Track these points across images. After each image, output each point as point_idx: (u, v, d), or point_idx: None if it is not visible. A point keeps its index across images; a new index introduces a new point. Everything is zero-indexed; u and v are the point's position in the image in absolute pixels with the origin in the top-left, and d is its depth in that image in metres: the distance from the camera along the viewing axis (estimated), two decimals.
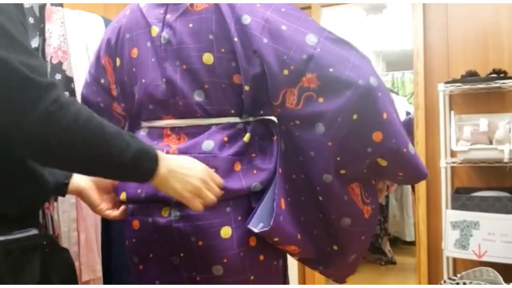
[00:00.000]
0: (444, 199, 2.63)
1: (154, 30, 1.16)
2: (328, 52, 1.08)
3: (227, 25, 1.09)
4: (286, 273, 1.26)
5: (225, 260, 1.09)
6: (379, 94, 1.07)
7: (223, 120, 1.15)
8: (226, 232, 1.09)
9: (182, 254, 1.11)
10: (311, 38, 1.08)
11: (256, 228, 1.07)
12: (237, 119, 1.16)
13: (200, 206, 1.01)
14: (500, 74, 2.53)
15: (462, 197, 2.55)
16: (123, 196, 1.16)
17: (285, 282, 1.25)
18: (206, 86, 1.12)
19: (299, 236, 1.15)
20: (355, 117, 1.07)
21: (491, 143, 2.52)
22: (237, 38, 1.09)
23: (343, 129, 1.08)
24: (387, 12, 4.10)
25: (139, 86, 1.19)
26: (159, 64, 1.16)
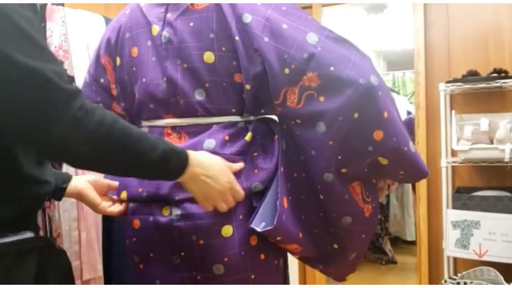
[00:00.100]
0: (445, 199, 2.63)
1: (155, 29, 1.16)
2: (329, 51, 1.08)
3: (228, 24, 1.09)
4: (286, 272, 1.26)
5: (226, 259, 1.09)
6: (380, 93, 1.08)
7: (224, 119, 1.14)
8: (227, 231, 1.09)
9: (182, 253, 1.11)
10: (312, 37, 1.08)
11: (259, 227, 1.07)
12: (238, 118, 1.16)
13: (211, 209, 1.06)
14: (501, 73, 2.53)
15: (463, 197, 2.55)
16: (123, 195, 1.16)
17: (285, 281, 1.25)
18: (207, 85, 1.12)
19: (301, 235, 1.16)
20: (356, 116, 1.07)
21: (492, 142, 2.52)
22: (238, 37, 1.09)
23: (344, 128, 1.08)
24: (388, 12, 4.09)
25: (139, 85, 1.19)
26: (159, 63, 1.16)
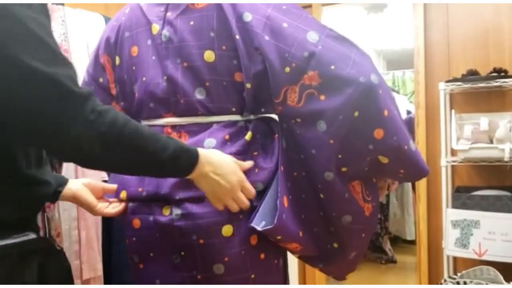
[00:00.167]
0: (445, 198, 2.63)
1: (155, 28, 1.16)
2: (329, 49, 1.08)
3: (229, 23, 1.09)
4: (286, 271, 1.26)
5: (226, 259, 1.09)
6: (380, 91, 1.08)
7: (224, 118, 1.14)
8: (228, 230, 1.08)
9: (183, 253, 1.11)
10: (312, 36, 1.08)
11: (259, 227, 1.07)
12: (238, 117, 1.16)
13: (221, 208, 1.07)
14: (501, 73, 2.53)
15: (463, 196, 2.55)
16: (123, 194, 1.16)
17: (285, 280, 1.25)
18: (208, 83, 1.12)
19: (301, 234, 1.15)
20: (356, 114, 1.07)
21: (491, 142, 2.52)
22: (239, 36, 1.09)
23: (345, 127, 1.08)
24: (388, 11, 4.09)
25: (139, 84, 1.19)
26: (159, 62, 1.15)
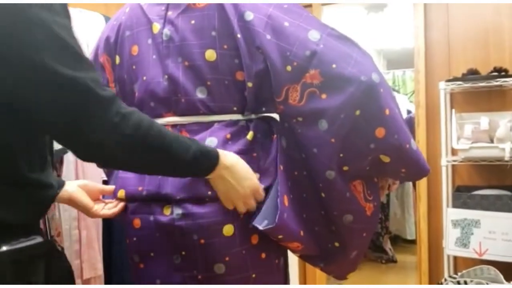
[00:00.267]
0: (445, 198, 2.63)
1: (156, 27, 1.16)
2: (331, 48, 1.08)
3: (230, 22, 1.09)
4: (287, 271, 1.26)
5: (227, 258, 1.08)
6: (381, 90, 1.08)
7: (226, 117, 1.14)
8: (229, 230, 1.08)
9: (183, 253, 1.10)
10: (313, 35, 1.08)
11: (261, 226, 1.07)
12: (239, 116, 1.16)
13: (231, 207, 1.08)
14: (501, 72, 2.53)
15: (463, 196, 2.55)
16: (121, 193, 1.16)
17: (286, 280, 1.25)
18: (209, 83, 1.12)
19: (302, 233, 1.15)
20: (357, 113, 1.07)
21: (492, 141, 2.52)
22: (240, 35, 1.09)
23: (346, 126, 1.08)
24: (388, 11, 4.09)
25: (139, 83, 1.18)
26: (160, 61, 1.15)
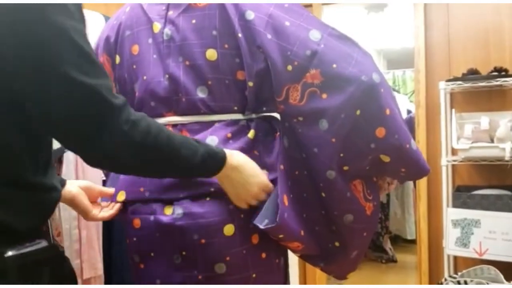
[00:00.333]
0: (445, 197, 2.64)
1: (156, 26, 1.16)
2: (332, 48, 1.08)
3: (231, 21, 1.09)
4: (287, 271, 1.26)
5: (228, 258, 1.08)
6: (382, 90, 1.08)
7: (226, 117, 1.14)
8: (229, 230, 1.08)
9: (184, 253, 1.10)
10: (314, 34, 1.08)
11: (262, 225, 1.07)
12: (240, 115, 1.16)
13: (244, 206, 1.10)
14: (501, 72, 2.53)
15: (463, 195, 2.55)
16: (121, 195, 1.15)
17: (286, 280, 1.25)
18: (210, 82, 1.12)
19: (303, 233, 1.15)
20: (358, 113, 1.07)
21: (492, 141, 2.52)
22: (241, 34, 1.09)
23: (347, 125, 1.08)
24: (388, 10, 4.09)
25: (140, 83, 1.18)
26: (161, 61, 1.15)
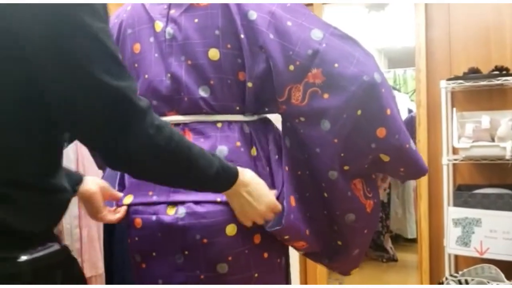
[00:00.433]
0: (446, 196, 2.63)
1: (158, 25, 1.16)
2: (333, 47, 1.08)
3: (234, 21, 1.09)
4: (288, 270, 1.26)
5: (230, 258, 1.08)
6: (383, 90, 1.08)
7: (228, 117, 1.14)
8: (231, 229, 1.08)
9: (186, 252, 1.10)
10: (316, 34, 1.08)
11: (267, 227, 1.07)
12: (241, 116, 1.16)
13: (250, 224, 1.09)
14: (502, 71, 2.53)
15: (464, 194, 2.55)
16: (128, 199, 1.15)
17: (287, 279, 1.25)
18: (212, 82, 1.12)
19: (308, 232, 1.16)
20: (359, 113, 1.08)
21: (493, 140, 2.52)
22: (244, 34, 1.09)
23: (348, 126, 1.09)
24: (389, 10, 4.09)
25: (141, 82, 1.18)
26: (163, 60, 1.15)
